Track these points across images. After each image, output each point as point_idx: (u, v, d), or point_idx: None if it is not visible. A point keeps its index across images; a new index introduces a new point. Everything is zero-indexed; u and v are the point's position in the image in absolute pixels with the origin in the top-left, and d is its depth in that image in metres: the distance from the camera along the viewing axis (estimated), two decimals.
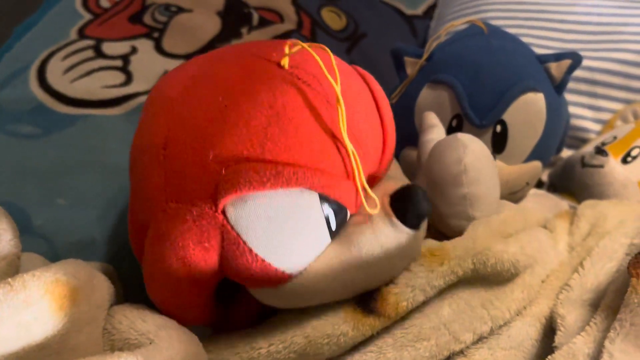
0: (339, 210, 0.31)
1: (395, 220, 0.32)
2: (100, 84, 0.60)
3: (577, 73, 0.67)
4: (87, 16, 0.71)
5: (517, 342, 0.36)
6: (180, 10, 0.71)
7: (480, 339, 0.36)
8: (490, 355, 0.35)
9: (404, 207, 0.32)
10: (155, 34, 0.68)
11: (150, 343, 0.29)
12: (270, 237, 0.29)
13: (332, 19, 0.77)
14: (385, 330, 0.35)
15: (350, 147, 0.31)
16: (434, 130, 0.44)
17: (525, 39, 0.73)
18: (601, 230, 0.43)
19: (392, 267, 0.34)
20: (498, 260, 0.36)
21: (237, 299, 0.37)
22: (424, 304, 0.36)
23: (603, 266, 0.39)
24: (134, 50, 0.65)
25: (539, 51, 0.72)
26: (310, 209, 0.30)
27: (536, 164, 0.51)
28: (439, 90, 0.49)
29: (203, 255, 0.30)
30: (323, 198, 0.30)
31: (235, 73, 0.32)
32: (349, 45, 0.76)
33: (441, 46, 0.51)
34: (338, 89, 0.31)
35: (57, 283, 0.28)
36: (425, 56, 0.51)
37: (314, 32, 0.73)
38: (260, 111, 0.30)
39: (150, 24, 0.70)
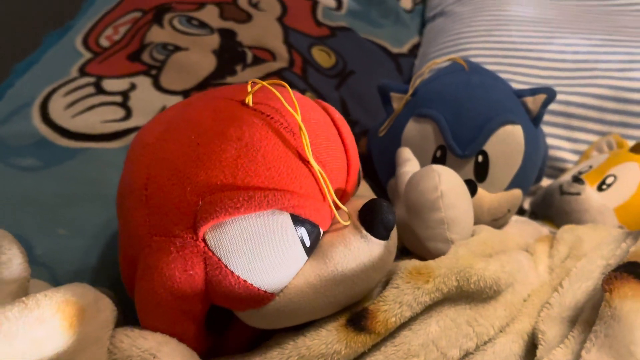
0: (312, 228, 0.34)
1: (364, 232, 0.35)
2: (100, 118, 0.62)
3: (554, 107, 0.71)
4: (87, 55, 0.73)
5: (501, 358, 0.37)
6: (177, 49, 0.74)
7: (466, 355, 0.37)
8: None
9: (371, 219, 0.35)
10: (153, 72, 0.71)
11: (154, 358, 0.31)
12: (249, 258, 0.32)
13: (322, 57, 0.81)
14: (376, 347, 0.36)
15: (317, 167, 0.34)
16: (409, 164, 0.48)
17: (504, 75, 0.77)
18: (579, 253, 0.45)
19: (367, 278, 0.35)
20: (480, 278, 0.38)
21: (229, 327, 0.39)
22: (413, 321, 0.37)
23: (580, 285, 0.41)
24: (133, 86, 0.68)
25: (518, 86, 0.76)
26: (283, 228, 0.32)
27: (516, 192, 0.54)
28: (424, 123, 0.52)
29: (189, 283, 0.32)
30: (295, 217, 0.33)
31: (205, 115, 0.35)
32: (339, 82, 0.79)
33: (424, 82, 0.54)
34: (299, 117, 0.34)
35: (67, 303, 0.30)
36: (410, 92, 0.54)
37: (305, 69, 0.77)
38: (230, 145, 0.32)
39: (148, 62, 0.73)
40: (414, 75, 0.87)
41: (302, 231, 0.33)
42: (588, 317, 0.37)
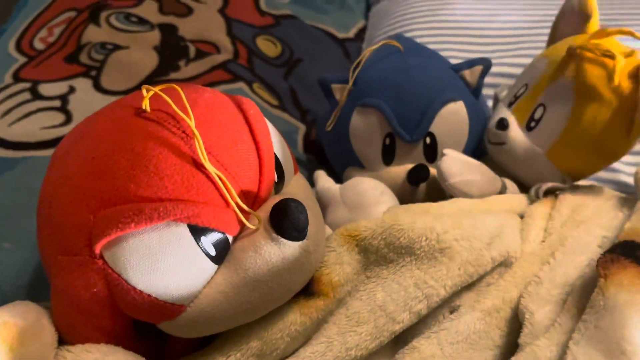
0: (215, 236, 0.33)
1: (274, 235, 0.33)
2: (39, 125, 0.60)
3: (498, 78, 0.72)
4: (22, 59, 0.71)
5: (464, 336, 0.36)
6: (117, 47, 0.72)
7: (428, 324, 0.38)
8: (440, 349, 0.36)
9: (280, 221, 0.33)
10: (93, 72, 0.69)
11: None
12: (148, 272, 0.31)
13: (268, 47, 0.80)
14: (332, 320, 0.37)
15: (214, 172, 0.32)
16: (326, 181, 0.54)
17: (448, 53, 0.78)
18: (579, 218, 0.42)
19: (284, 281, 0.34)
20: (408, 229, 0.38)
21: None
22: (362, 291, 0.38)
23: (574, 259, 0.39)
24: (72, 89, 0.66)
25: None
26: (181, 240, 0.31)
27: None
28: (368, 113, 0.53)
29: (96, 301, 0.32)
30: (193, 227, 0.32)
31: (103, 126, 0.34)
32: (286, 71, 0.78)
33: (364, 70, 0.54)
34: (191, 122, 0.33)
35: (5, 325, 0.29)
36: (350, 82, 0.54)
37: (251, 60, 0.76)
38: (123, 156, 0.32)
39: (87, 63, 0.70)
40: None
41: (204, 240, 0.32)
42: (578, 301, 0.35)
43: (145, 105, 0.34)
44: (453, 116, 0.52)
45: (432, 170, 0.52)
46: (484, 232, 0.40)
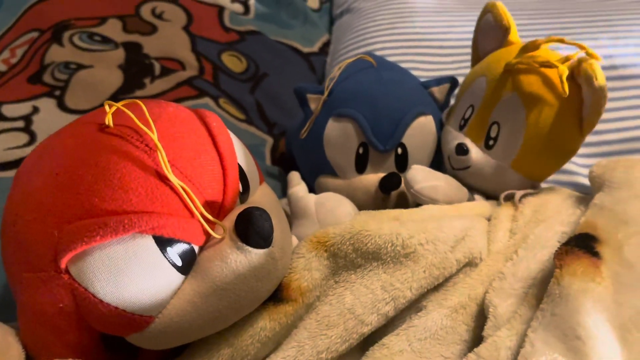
0: (181, 246, 0.33)
1: (240, 243, 0.34)
2: (2, 146, 0.59)
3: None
4: None
5: (431, 332, 0.37)
6: (81, 67, 0.72)
7: (397, 324, 0.39)
8: (408, 345, 0.37)
9: (245, 229, 0.34)
10: (57, 92, 0.68)
11: None
12: (114, 285, 0.32)
13: (233, 62, 0.81)
14: (302, 325, 0.38)
15: (177, 183, 0.33)
16: (299, 187, 0.55)
17: (410, 65, 0.81)
18: (541, 217, 0.44)
19: (251, 289, 0.35)
20: (375, 235, 0.40)
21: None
22: (331, 296, 0.39)
23: (535, 254, 0.40)
24: (35, 110, 0.65)
25: (424, 73, 0.80)
26: (146, 251, 0.32)
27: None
28: (343, 122, 0.54)
29: (63, 316, 0.33)
30: (158, 238, 0.32)
31: (66, 143, 0.35)
32: (252, 86, 0.79)
33: (338, 82, 0.56)
34: (154, 136, 0.34)
35: None
36: (326, 93, 0.56)
37: (216, 76, 0.76)
38: (87, 171, 0.32)
39: (50, 83, 0.70)
40: (326, 72, 0.89)
41: (170, 251, 0.33)
42: (538, 292, 0.36)
43: (108, 120, 0.35)
44: (423, 129, 0.55)
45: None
46: (449, 235, 0.41)
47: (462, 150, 0.52)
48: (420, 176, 0.50)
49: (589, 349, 0.30)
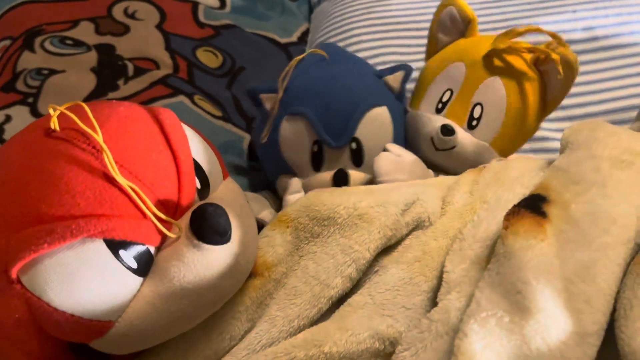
0: (134, 248, 0.33)
1: (196, 241, 0.33)
2: None
3: None
4: None
5: (390, 285, 0.38)
6: (53, 72, 0.71)
7: (360, 287, 0.40)
8: (370, 299, 0.38)
9: (199, 226, 0.33)
10: (30, 99, 0.68)
11: None
12: (68, 291, 0.31)
13: (208, 57, 0.80)
14: (273, 301, 0.39)
15: (125, 183, 0.32)
16: (297, 196, 0.54)
17: (389, 49, 0.80)
18: (502, 180, 0.44)
19: (213, 287, 0.34)
20: (328, 203, 0.41)
21: None
22: (296, 270, 0.40)
23: (495, 216, 0.40)
24: (8, 118, 0.65)
25: (402, 57, 0.79)
26: (97, 255, 0.31)
27: None
28: (297, 121, 0.54)
29: (20, 327, 0.32)
30: (109, 242, 0.32)
31: (14, 151, 0.34)
32: (229, 81, 0.78)
33: (292, 79, 0.55)
34: (98, 137, 0.33)
35: None
36: (280, 92, 0.55)
37: (191, 73, 0.76)
38: (33, 178, 0.32)
39: (23, 90, 0.69)
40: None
41: (124, 254, 0.32)
42: (489, 254, 0.37)
43: (54, 124, 0.34)
44: (376, 121, 0.55)
45: (357, 174, 0.54)
46: (398, 199, 0.42)
47: (448, 130, 0.53)
48: (384, 169, 0.51)
49: (529, 302, 0.31)
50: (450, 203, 0.44)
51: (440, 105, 0.56)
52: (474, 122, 0.55)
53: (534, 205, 0.36)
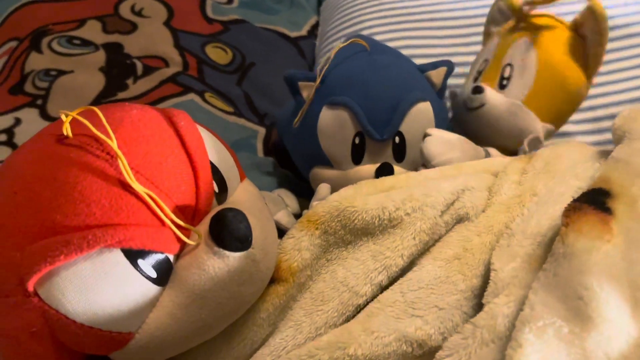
0: (153, 257, 0.32)
1: (216, 248, 0.32)
2: None
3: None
4: None
5: (425, 283, 0.36)
6: (61, 73, 0.70)
7: (391, 284, 0.37)
8: (402, 296, 0.36)
9: (219, 233, 0.32)
10: (39, 101, 0.67)
11: None
12: (86, 303, 0.30)
13: (218, 54, 0.78)
14: (298, 305, 0.38)
15: (142, 191, 0.31)
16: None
17: (402, 42, 0.78)
18: (554, 170, 0.42)
19: (233, 295, 0.33)
20: (361, 211, 0.39)
21: None
22: (324, 273, 0.38)
23: (547, 210, 0.37)
24: (18, 121, 0.64)
25: (417, 50, 0.77)
26: (116, 266, 0.30)
27: None
28: (338, 111, 0.51)
29: (37, 341, 0.31)
30: (127, 251, 0.30)
31: (24, 159, 0.33)
32: (239, 77, 0.77)
33: (331, 68, 0.53)
34: (113, 143, 0.31)
35: None
36: (318, 80, 0.53)
37: (201, 70, 0.74)
38: (45, 187, 0.31)
39: (32, 92, 0.68)
40: (317, 56, 0.87)
41: (142, 263, 0.31)
42: (543, 253, 0.34)
43: (66, 131, 0.33)
44: (421, 115, 0.52)
45: (398, 170, 0.51)
46: (437, 200, 0.39)
47: (477, 89, 0.55)
48: (436, 150, 0.49)
49: (591, 310, 0.28)
50: (498, 193, 0.41)
51: (476, 75, 0.59)
52: (504, 82, 0.56)
53: (597, 200, 0.33)
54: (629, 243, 0.31)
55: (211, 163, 0.36)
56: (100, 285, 0.30)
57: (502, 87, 0.56)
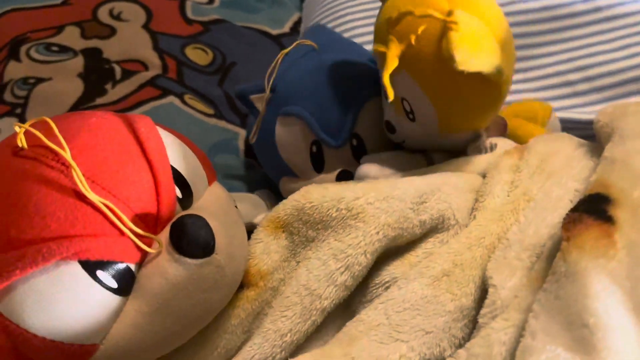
0: (113, 268, 0.31)
1: (177, 255, 0.32)
2: None
3: None
4: None
5: (410, 304, 0.34)
6: (39, 80, 0.69)
7: (376, 294, 0.36)
8: (386, 319, 0.34)
9: (179, 239, 0.32)
10: (18, 110, 0.67)
11: None
12: (46, 317, 0.30)
13: (198, 55, 0.78)
14: (265, 313, 0.37)
15: (97, 200, 0.31)
16: None
17: None
18: (549, 169, 0.39)
19: (199, 302, 0.33)
20: (318, 205, 0.38)
21: None
22: (289, 277, 0.38)
23: (545, 217, 0.35)
24: None
25: None
26: (73, 278, 0.30)
27: None
28: (291, 123, 0.50)
29: (2, 356, 0.31)
30: (84, 263, 0.30)
31: None
32: (220, 77, 0.76)
33: (281, 74, 0.52)
34: (66, 153, 0.31)
35: None
36: (267, 90, 0.51)
37: (181, 72, 0.74)
38: (0, 202, 0.30)
39: (11, 101, 0.68)
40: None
41: (102, 274, 0.31)
42: (543, 268, 0.31)
43: (21, 142, 0.32)
44: (375, 113, 0.50)
45: None
46: (406, 192, 0.37)
47: (389, 127, 0.48)
48: (373, 173, 0.46)
49: (597, 340, 0.26)
50: (489, 196, 0.38)
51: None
52: (410, 116, 0.46)
53: (597, 209, 0.30)
54: (634, 258, 0.29)
55: (173, 168, 0.35)
56: (59, 298, 0.30)
57: (410, 120, 0.46)
